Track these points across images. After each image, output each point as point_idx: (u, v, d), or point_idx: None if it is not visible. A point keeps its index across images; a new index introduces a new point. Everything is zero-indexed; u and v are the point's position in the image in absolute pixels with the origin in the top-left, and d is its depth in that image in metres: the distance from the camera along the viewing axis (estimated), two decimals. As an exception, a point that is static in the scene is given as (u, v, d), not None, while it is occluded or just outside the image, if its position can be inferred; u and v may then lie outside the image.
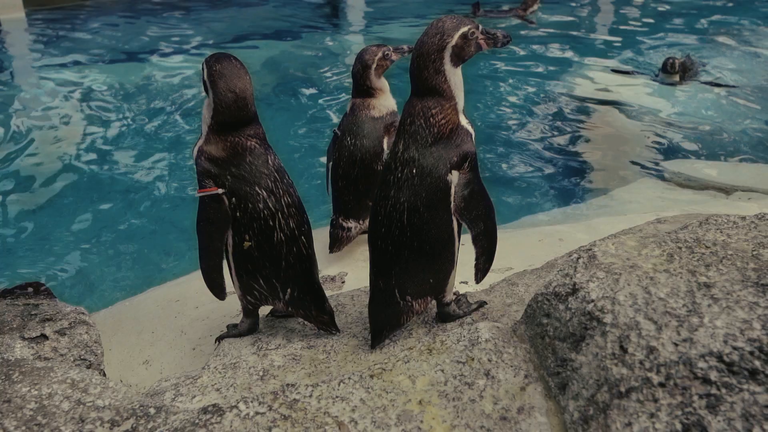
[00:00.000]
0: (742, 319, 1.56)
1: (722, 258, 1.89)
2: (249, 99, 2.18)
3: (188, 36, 9.70)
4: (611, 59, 8.02)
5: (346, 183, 3.16)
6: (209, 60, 2.22)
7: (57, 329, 2.30)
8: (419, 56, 2.02)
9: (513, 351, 1.99)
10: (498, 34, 2.09)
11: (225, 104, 2.14)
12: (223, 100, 2.14)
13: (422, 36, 2.04)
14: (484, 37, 2.06)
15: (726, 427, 1.41)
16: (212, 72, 2.16)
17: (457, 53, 2.02)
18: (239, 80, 2.15)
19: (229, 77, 2.14)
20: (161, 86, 7.38)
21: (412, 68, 2.06)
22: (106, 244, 4.09)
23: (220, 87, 2.14)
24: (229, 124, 2.17)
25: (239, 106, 2.16)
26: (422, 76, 2.03)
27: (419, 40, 2.05)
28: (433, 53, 2.00)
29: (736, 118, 6.13)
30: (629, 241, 2.09)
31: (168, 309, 2.93)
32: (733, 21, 9.95)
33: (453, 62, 2.03)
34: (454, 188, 2.07)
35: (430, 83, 2.02)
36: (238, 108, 2.16)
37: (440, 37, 2.00)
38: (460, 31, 2.01)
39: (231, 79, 2.14)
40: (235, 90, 2.14)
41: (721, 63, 7.63)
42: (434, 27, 2.03)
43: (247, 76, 2.19)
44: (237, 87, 2.14)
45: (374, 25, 10.75)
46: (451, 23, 2.02)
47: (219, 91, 2.14)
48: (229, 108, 2.15)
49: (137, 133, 6.04)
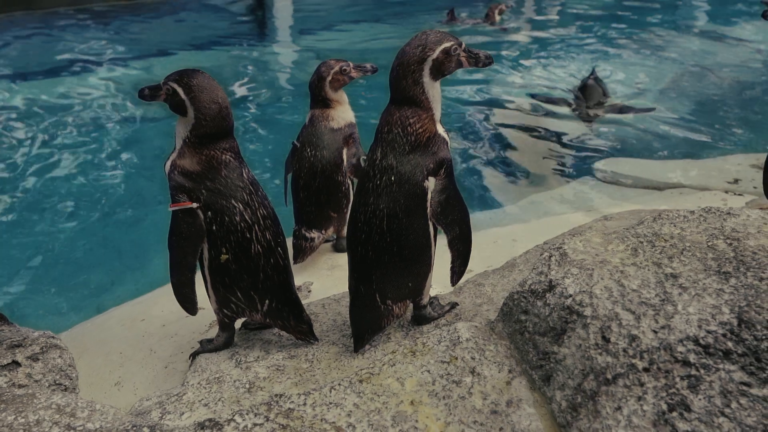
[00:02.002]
0: (712, 305, 1.71)
1: (682, 250, 2.04)
2: (230, 109, 2.24)
3: (108, 49, 9.44)
4: (535, 73, 8.27)
5: (307, 194, 3.19)
6: (181, 78, 2.21)
7: (29, 355, 2.24)
8: (399, 65, 2.09)
9: (494, 348, 2.08)
10: (480, 54, 2.16)
11: (210, 116, 2.17)
12: (208, 113, 2.17)
13: (405, 46, 2.11)
14: (466, 55, 2.14)
15: (707, 405, 1.53)
16: (191, 88, 2.18)
17: (437, 67, 2.09)
18: (219, 91, 2.21)
19: (209, 90, 2.19)
20: (85, 101, 7.17)
21: (391, 76, 2.12)
22: (53, 266, 3.96)
23: (204, 101, 2.17)
24: (211, 136, 2.20)
25: (223, 116, 2.21)
26: (400, 85, 2.09)
27: (401, 50, 2.11)
28: (413, 64, 2.07)
29: (656, 121, 6.49)
30: (594, 237, 2.22)
31: (134, 328, 2.89)
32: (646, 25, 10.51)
33: (432, 75, 2.10)
34: (430, 194, 2.15)
35: (408, 93, 2.09)
36: (222, 118, 2.20)
37: (422, 50, 2.07)
38: (442, 45, 2.08)
39: (212, 92, 2.19)
40: (218, 101, 2.19)
41: (632, 72, 7.97)
42: (418, 39, 2.10)
43: (220, 86, 2.24)
44: (219, 98, 2.20)
45: (302, 36, 10.75)
46: (435, 37, 2.09)
47: (203, 104, 2.17)
48: (214, 119, 2.18)
49: (67, 148, 5.86)
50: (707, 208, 2.36)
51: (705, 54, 8.59)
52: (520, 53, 8.99)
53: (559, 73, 7.97)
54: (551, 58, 8.71)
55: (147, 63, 8.68)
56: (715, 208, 2.33)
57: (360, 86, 4.18)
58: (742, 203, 3.91)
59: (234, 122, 2.27)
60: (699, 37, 9.64)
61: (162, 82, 2.26)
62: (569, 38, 9.86)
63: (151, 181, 5.25)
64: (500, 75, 7.94)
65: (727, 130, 5.96)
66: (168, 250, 2.30)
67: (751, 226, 2.18)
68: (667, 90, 7.20)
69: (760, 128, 5.90)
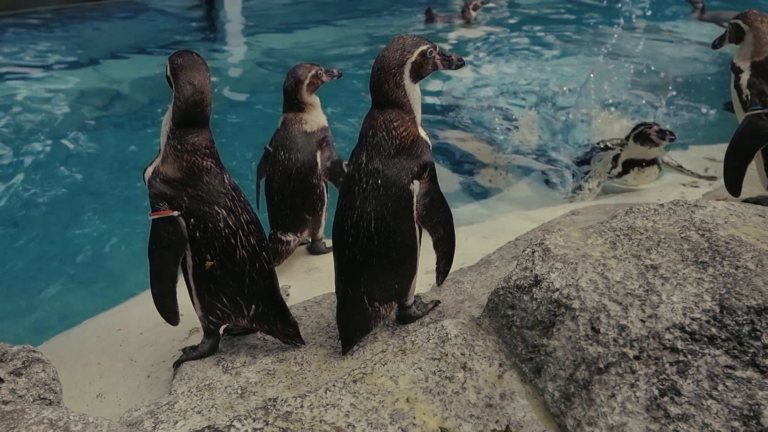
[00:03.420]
0: (694, 293, 1.79)
1: (658, 242, 2.13)
2: (206, 95, 2.19)
3: (53, 54, 9.18)
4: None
5: (282, 197, 3.19)
6: (172, 56, 2.23)
7: (11, 370, 2.19)
8: (380, 70, 2.13)
9: (483, 343, 2.13)
10: (453, 57, 2.25)
11: (183, 97, 2.15)
12: (182, 92, 2.15)
13: (383, 51, 2.15)
14: (440, 57, 2.21)
15: (696, 388, 1.62)
16: (174, 66, 2.18)
17: (416, 69, 2.15)
18: (199, 74, 2.17)
19: (189, 69, 2.16)
20: (26, 106, 6.97)
21: (373, 81, 2.16)
22: (13, 282, 3.86)
23: (182, 79, 2.16)
24: (187, 122, 2.17)
25: (196, 100, 2.16)
26: (383, 89, 2.13)
27: (380, 55, 2.15)
28: (394, 68, 2.12)
29: (611, 116, 6.68)
30: (573, 233, 2.30)
31: (110, 339, 2.84)
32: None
33: (412, 78, 2.15)
34: (415, 197, 2.19)
35: (391, 96, 2.13)
36: (195, 103, 2.16)
37: (401, 53, 2.12)
38: (419, 48, 2.14)
39: (191, 72, 2.16)
40: (193, 83, 2.16)
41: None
42: (396, 43, 2.14)
43: (207, 72, 2.22)
44: (196, 80, 2.16)
45: (253, 38, 10.67)
46: (412, 41, 2.14)
47: (180, 83, 2.15)
48: (186, 100, 2.15)
49: (20, 155, 5.70)
50: (675, 201, 2.47)
51: (654, 52, 8.88)
52: (490, 50, 9.17)
53: (527, 71, 8.16)
54: (514, 55, 8.89)
55: (96, 68, 8.49)
56: (683, 201, 2.44)
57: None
58: (699, 195, 4.08)
59: (210, 115, 2.24)
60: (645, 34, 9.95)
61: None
62: (534, 34, 10.08)
63: (106, 189, 5.16)
64: (472, 72, 8.07)
65: (678, 124, 6.18)
66: (148, 259, 2.27)
67: (718, 217, 2.29)
68: (618, 87, 7.43)
69: (710, 122, 6.14)
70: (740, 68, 3.14)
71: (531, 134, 6.04)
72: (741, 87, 3.10)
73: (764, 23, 3.11)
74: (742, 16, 3.17)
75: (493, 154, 5.75)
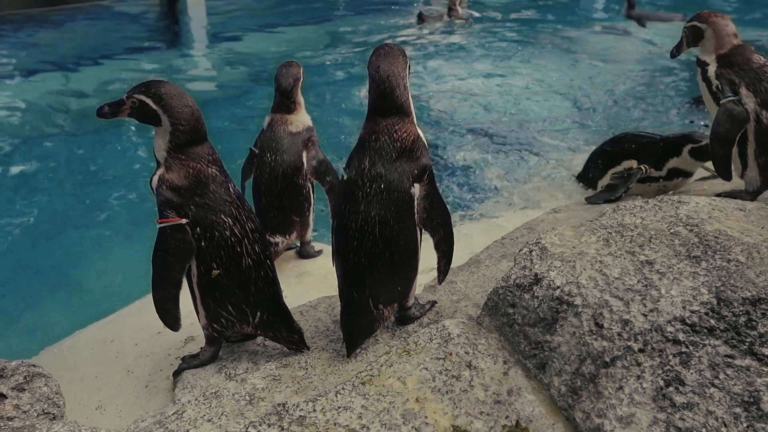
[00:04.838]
0: (691, 287, 1.88)
1: (649, 238, 2.22)
2: (200, 112, 2.28)
3: (13, 60, 8.98)
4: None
5: (269, 199, 3.21)
6: (148, 89, 2.22)
7: (13, 386, 2.17)
8: (390, 76, 2.18)
9: (485, 341, 2.19)
10: None
11: (185, 120, 2.21)
12: (183, 116, 2.20)
13: (382, 60, 2.19)
14: None
15: (699, 378, 1.70)
16: (161, 97, 2.20)
17: (408, 71, 2.27)
18: (187, 96, 2.25)
19: (179, 96, 2.23)
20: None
21: (380, 89, 2.19)
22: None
23: (176, 105, 2.20)
24: (190, 142, 2.23)
25: (197, 118, 2.24)
26: (395, 94, 2.19)
27: (380, 65, 2.19)
28: (403, 71, 2.20)
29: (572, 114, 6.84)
30: (566, 231, 2.38)
31: (105, 350, 2.82)
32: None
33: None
34: (416, 200, 2.24)
35: (401, 100, 2.20)
36: (196, 120, 2.24)
37: (403, 57, 2.21)
38: (404, 51, 2.27)
39: (182, 97, 2.23)
40: (189, 104, 2.23)
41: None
42: (391, 49, 2.21)
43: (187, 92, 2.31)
44: (190, 101, 2.24)
45: (217, 41, 10.59)
46: (398, 47, 2.25)
47: (176, 110, 2.20)
48: (189, 122, 2.21)
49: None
50: (660, 197, 2.56)
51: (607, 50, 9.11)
52: (478, 44, 9.33)
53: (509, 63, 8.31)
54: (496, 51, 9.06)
55: (60, 74, 8.33)
56: (667, 197, 2.54)
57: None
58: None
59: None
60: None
61: (125, 97, 2.24)
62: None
63: (78, 199, 5.09)
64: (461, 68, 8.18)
65: (633, 119, 6.36)
66: (152, 265, 2.27)
67: (702, 212, 2.39)
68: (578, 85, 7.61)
69: (662, 118, 6.33)
70: (706, 61, 3.26)
71: (520, 131, 6.15)
72: (710, 79, 3.22)
73: (719, 17, 3.25)
74: (696, 17, 3.30)
75: (479, 153, 5.83)
